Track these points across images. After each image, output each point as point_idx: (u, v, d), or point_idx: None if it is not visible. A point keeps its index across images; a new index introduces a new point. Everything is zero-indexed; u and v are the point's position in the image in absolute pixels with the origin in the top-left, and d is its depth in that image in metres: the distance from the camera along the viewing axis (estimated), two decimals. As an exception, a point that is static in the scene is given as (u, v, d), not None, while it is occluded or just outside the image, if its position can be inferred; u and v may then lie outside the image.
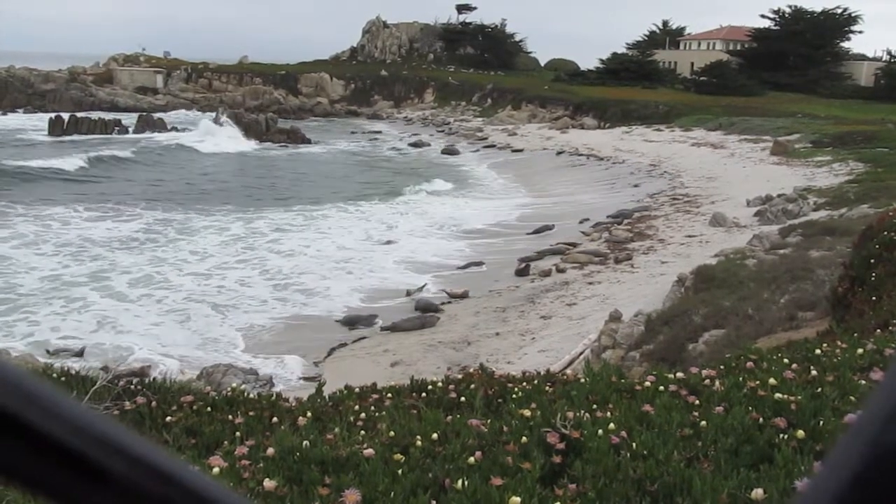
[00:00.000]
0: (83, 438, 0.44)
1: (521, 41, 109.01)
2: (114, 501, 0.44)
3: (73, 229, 27.16)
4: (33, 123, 64.42)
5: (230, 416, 4.83)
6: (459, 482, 3.13)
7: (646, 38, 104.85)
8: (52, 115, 64.41)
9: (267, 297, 19.96)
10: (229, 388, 5.62)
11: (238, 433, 4.44)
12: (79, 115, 64.67)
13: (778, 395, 3.95)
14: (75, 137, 57.95)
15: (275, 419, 4.74)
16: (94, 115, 66.47)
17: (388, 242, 26.52)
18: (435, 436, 3.73)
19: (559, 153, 50.60)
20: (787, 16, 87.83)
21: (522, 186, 39.65)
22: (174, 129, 63.93)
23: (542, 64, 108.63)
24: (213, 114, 66.23)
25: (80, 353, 15.73)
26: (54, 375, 5.84)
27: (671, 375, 4.65)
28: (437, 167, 47.64)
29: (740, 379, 4.44)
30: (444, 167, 47.72)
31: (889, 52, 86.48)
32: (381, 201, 35.36)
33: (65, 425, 0.44)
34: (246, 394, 5.47)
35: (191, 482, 0.46)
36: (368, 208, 33.55)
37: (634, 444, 3.48)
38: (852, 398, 4.06)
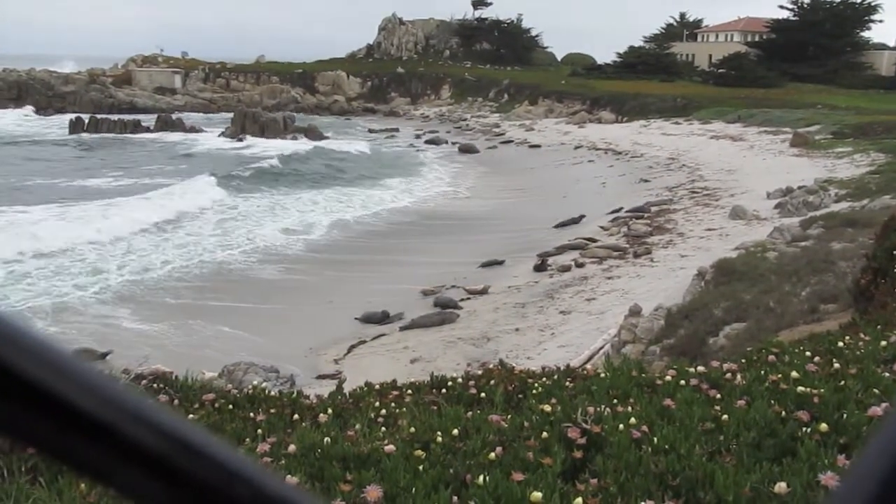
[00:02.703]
0: (114, 411, 0.44)
1: (537, 36, 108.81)
2: (144, 474, 0.45)
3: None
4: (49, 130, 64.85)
5: (252, 414, 4.86)
6: (480, 478, 3.13)
7: (663, 31, 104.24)
8: (73, 116, 65.03)
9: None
10: (250, 386, 5.66)
11: (260, 430, 4.47)
12: (98, 116, 65.17)
13: (800, 388, 3.93)
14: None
15: (296, 416, 4.76)
16: (114, 116, 66.97)
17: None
18: (455, 432, 3.73)
19: (577, 148, 50.46)
20: (805, 6, 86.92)
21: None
22: (193, 128, 64.25)
23: (559, 59, 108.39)
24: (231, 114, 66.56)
25: (104, 356, 15.90)
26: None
27: (692, 369, 4.63)
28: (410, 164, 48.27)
29: (762, 372, 4.42)
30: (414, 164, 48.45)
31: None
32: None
33: (95, 397, 0.44)
34: (267, 391, 5.50)
35: (220, 456, 0.46)
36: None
37: (656, 439, 3.47)
38: (876, 391, 4.03)
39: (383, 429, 4.12)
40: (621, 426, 3.57)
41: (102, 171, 44.49)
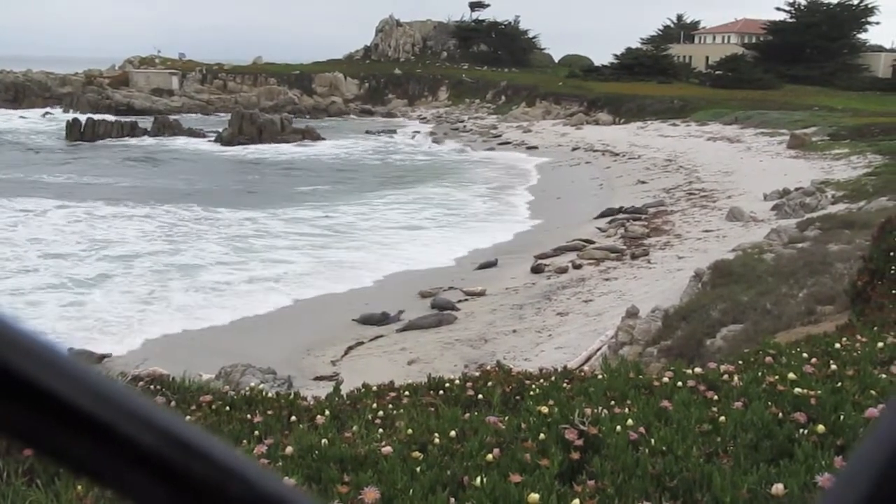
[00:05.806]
0: (110, 410, 0.44)
1: (534, 38, 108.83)
2: (140, 473, 0.44)
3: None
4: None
5: (249, 416, 4.85)
6: (478, 479, 3.13)
7: (660, 33, 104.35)
8: (69, 118, 64.78)
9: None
10: (248, 388, 5.65)
11: (257, 432, 4.46)
12: (95, 117, 64.88)
13: (797, 389, 3.93)
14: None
15: (293, 418, 4.76)
16: (111, 118, 66.67)
17: None
18: (453, 433, 3.73)
19: (574, 149, 50.48)
20: (802, 8, 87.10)
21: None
22: (190, 130, 63.82)
23: (556, 60, 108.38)
24: (227, 115, 66.34)
25: (101, 359, 15.87)
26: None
27: (689, 371, 4.64)
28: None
29: (759, 374, 4.42)
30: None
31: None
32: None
33: (91, 396, 0.43)
34: (264, 393, 5.50)
35: (216, 454, 0.46)
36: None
37: (653, 440, 3.47)
38: (873, 392, 4.03)
39: (381, 430, 4.12)
40: (619, 428, 3.57)
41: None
